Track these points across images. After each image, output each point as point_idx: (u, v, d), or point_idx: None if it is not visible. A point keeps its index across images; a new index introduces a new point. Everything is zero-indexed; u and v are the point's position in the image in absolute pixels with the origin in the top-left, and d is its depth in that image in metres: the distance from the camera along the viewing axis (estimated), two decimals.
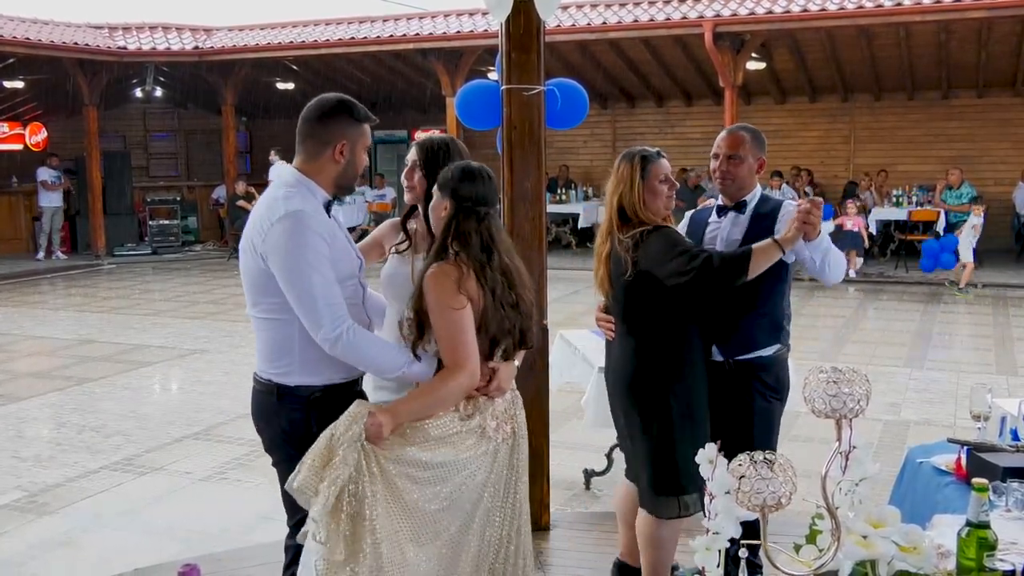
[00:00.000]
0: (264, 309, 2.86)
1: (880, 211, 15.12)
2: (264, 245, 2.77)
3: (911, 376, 8.30)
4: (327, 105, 2.91)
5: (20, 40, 15.32)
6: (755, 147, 3.70)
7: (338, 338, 2.72)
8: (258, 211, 2.86)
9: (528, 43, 4.41)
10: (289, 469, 2.70)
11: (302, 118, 2.92)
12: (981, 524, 2.08)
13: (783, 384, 3.70)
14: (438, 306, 2.74)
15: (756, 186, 3.74)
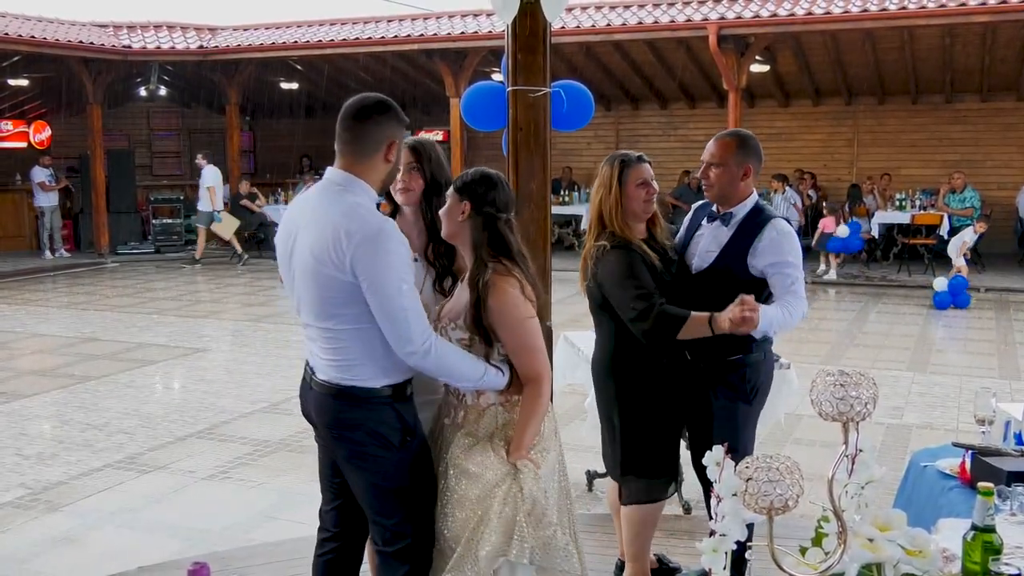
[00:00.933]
0: (347, 320, 2.74)
1: (883, 215, 15.10)
2: (353, 256, 2.65)
3: (914, 380, 8.29)
4: (377, 105, 2.83)
5: (25, 38, 15.34)
6: (740, 154, 3.56)
7: (427, 351, 2.70)
8: (329, 219, 2.70)
9: (534, 44, 4.41)
10: (376, 466, 2.81)
11: (351, 118, 2.81)
12: (987, 528, 2.09)
13: (753, 386, 3.58)
14: (513, 318, 2.78)
15: (748, 196, 3.59)
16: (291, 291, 2.89)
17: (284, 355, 9.51)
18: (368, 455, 2.82)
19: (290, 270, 2.85)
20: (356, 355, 2.78)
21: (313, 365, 2.90)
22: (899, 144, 17.05)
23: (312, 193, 2.87)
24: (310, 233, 2.74)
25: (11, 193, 18.40)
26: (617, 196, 3.60)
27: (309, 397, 2.93)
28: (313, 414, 2.93)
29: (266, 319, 11.64)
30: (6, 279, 15.14)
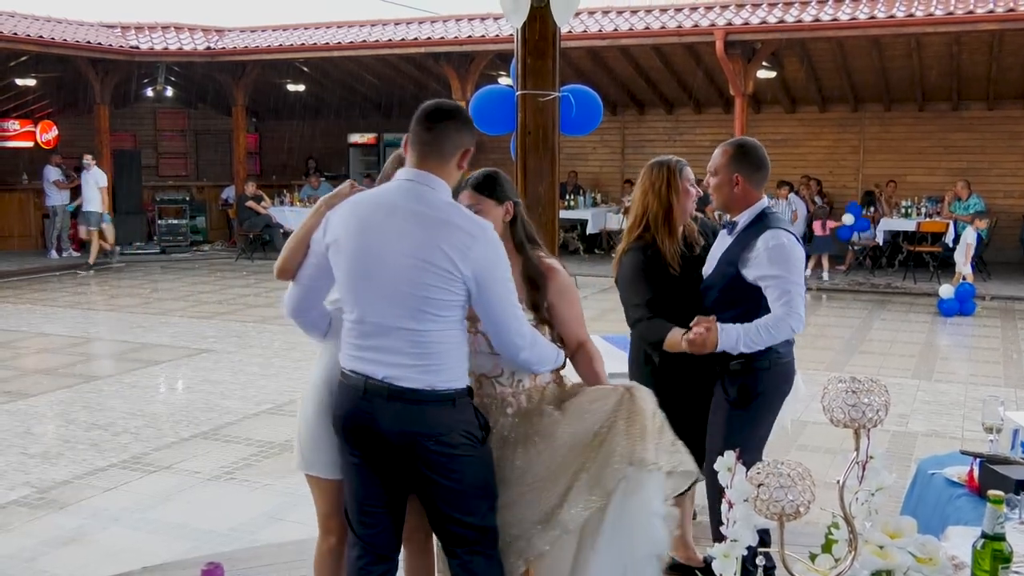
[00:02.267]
0: (444, 321, 2.71)
1: (889, 221, 15.09)
2: (473, 255, 2.66)
3: (919, 387, 8.28)
4: (458, 110, 2.84)
5: (33, 38, 15.39)
6: (733, 163, 3.56)
7: (533, 343, 2.81)
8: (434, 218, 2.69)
9: (544, 49, 4.42)
10: (466, 466, 2.75)
11: (434, 120, 2.78)
12: (996, 536, 2.08)
13: (752, 393, 3.55)
14: (573, 293, 3.09)
15: (752, 204, 3.57)
16: (351, 295, 2.77)
17: (289, 356, 9.52)
18: (459, 456, 2.74)
19: (354, 275, 2.75)
20: (446, 357, 2.73)
21: (389, 375, 2.72)
22: (905, 151, 17.03)
23: (383, 195, 2.79)
24: (405, 234, 2.68)
25: (17, 193, 18.44)
26: (665, 200, 3.71)
27: (382, 410, 2.73)
28: (392, 426, 2.73)
29: (271, 320, 11.65)
30: (12, 278, 15.18)
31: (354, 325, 2.77)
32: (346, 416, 2.80)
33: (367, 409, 2.74)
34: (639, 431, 2.80)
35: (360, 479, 2.85)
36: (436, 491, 2.78)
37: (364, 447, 2.80)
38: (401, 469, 2.79)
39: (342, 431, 2.83)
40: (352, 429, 2.80)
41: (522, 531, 2.86)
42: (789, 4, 14.24)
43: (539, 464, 2.88)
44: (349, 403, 2.79)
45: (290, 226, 17.21)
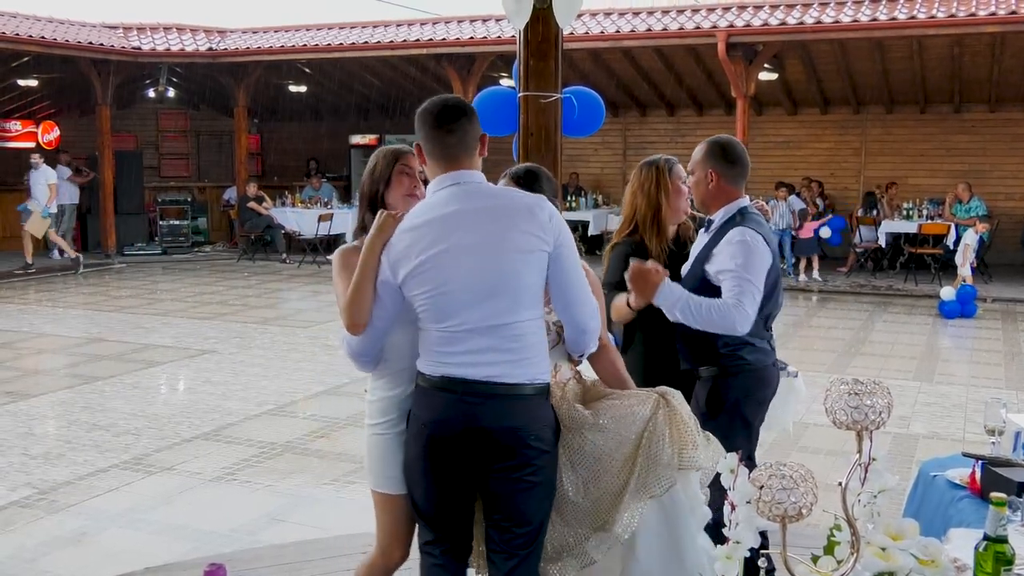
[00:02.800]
0: (535, 311, 2.76)
1: (890, 224, 15.08)
2: (556, 230, 2.74)
3: (920, 389, 8.28)
4: (466, 104, 2.88)
5: (35, 39, 15.39)
6: (706, 160, 3.54)
7: (597, 326, 2.88)
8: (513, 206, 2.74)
9: (546, 50, 4.43)
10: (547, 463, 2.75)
11: (454, 120, 2.79)
12: (999, 539, 2.08)
13: (718, 403, 3.49)
14: (599, 296, 3.06)
15: (728, 202, 3.53)
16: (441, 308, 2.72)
17: (290, 358, 9.52)
18: (545, 452, 2.76)
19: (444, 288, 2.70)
20: (539, 348, 2.77)
21: (490, 375, 2.70)
22: (907, 153, 17.03)
23: (439, 207, 2.75)
24: (483, 232, 2.70)
25: (19, 193, 18.41)
26: (655, 199, 3.70)
27: (485, 410, 2.71)
28: (497, 423, 2.71)
29: (272, 321, 11.66)
30: (13, 278, 15.18)
31: (444, 333, 2.73)
32: (440, 422, 2.74)
33: (467, 411, 2.71)
34: (681, 436, 2.82)
35: (435, 488, 2.82)
36: (516, 489, 2.74)
37: (455, 452, 2.75)
38: (487, 470, 2.75)
39: (430, 438, 2.76)
40: (447, 435, 2.74)
41: (577, 540, 2.84)
42: (791, 6, 14.25)
43: (588, 472, 2.86)
44: (444, 409, 2.73)
45: (291, 227, 17.24)
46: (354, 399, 7.72)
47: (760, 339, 3.51)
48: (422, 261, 2.70)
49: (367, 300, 2.77)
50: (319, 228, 16.72)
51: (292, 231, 17.35)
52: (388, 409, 2.96)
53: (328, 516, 5.31)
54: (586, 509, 2.84)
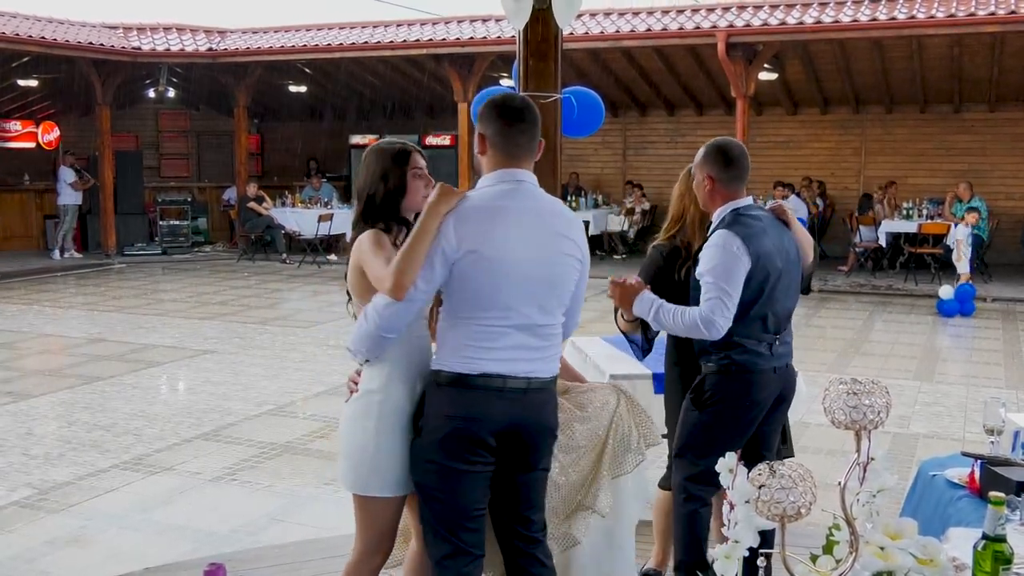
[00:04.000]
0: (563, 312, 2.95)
1: (890, 223, 15.09)
2: (582, 241, 2.94)
3: (920, 389, 8.29)
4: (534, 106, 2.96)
5: (35, 39, 15.40)
6: (701, 163, 3.58)
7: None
8: (564, 217, 2.90)
9: (545, 50, 4.42)
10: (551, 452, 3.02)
11: (528, 120, 2.85)
12: (997, 538, 2.08)
13: (700, 395, 3.54)
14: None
15: (722, 205, 3.55)
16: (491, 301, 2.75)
17: (290, 358, 9.53)
18: (555, 442, 3.01)
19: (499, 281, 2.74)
20: (558, 345, 2.95)
21: (530, 370, 2.80)
22: (907, 153, 17.04)
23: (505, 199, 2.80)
24: (540, 234, 2.81)
25: (19, 193, 18.46)
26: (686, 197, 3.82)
27: (527, 404, 2.81)
28: (536, 417, 2.84)
29: (272, 321, 11.67)
30: (13, 279, 15.19)
31: (485, 327, 2.76)
32: (482, 420, 2.77)
33: (510, 407, 2.78)
34: (641, 421, 3.29)
35: (471, 485, 2.82)
36: (539, 479, 2.93)
37: (495, 448, 2.80)
38: (520, 463, 2.87)
39: (470, 437, 2.77)
40: (490, 432, 2.77)
41: (557, 524, 3.13)
42: (791, 6, 14.25)
43: (569, 459, 3.15)
44: (486, 406, 2.77)
45: (292, 227, 17.24)
46: None
47: (754, 340, 3.48)
48: (487, 245, 2.72)
49: (419, 263, 2.70)
50: (319, 228, 16.73)
51: (292, 231, 17.36)
52: (390, 407, 2.90)
53: (328, 516, 5.31)
54: (564, 493, 3.15)
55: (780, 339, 3.54)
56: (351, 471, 2.93)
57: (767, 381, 3.52)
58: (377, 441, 2.88)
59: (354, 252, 2.92)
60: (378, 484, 2.89)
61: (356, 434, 2.92)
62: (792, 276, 3.57)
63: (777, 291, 3.50)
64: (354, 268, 2.92)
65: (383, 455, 2.88)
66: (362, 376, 2.95)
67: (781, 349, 3.55)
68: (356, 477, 2.92)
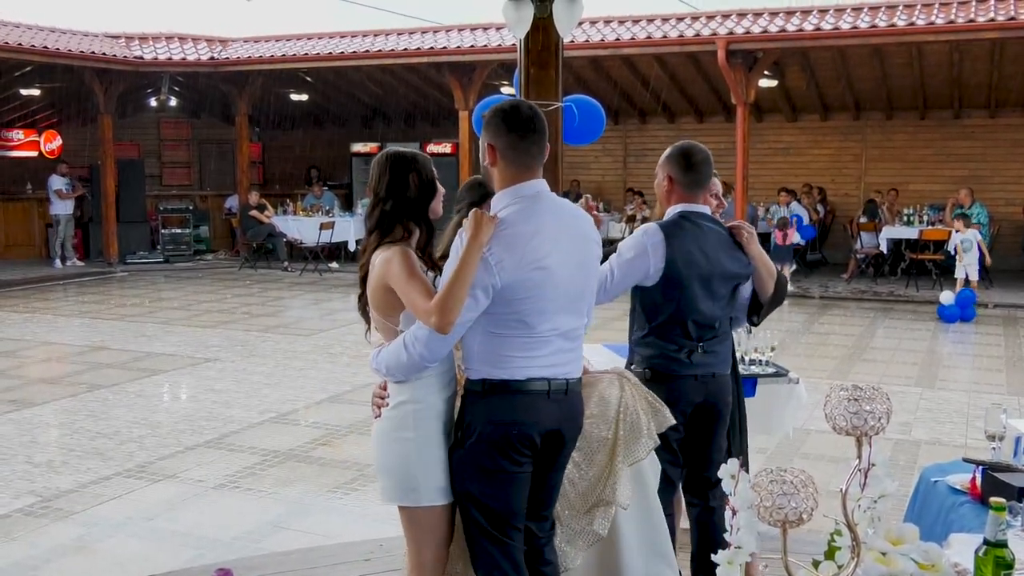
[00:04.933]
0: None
1: (891, 229, 15.10)
2: (600, 245, 3.08)
3: (922, 395, 8.29)
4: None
5: (38, 48, 15.45)
6: (665, 163, 3.64)
7: None
8: (583, 222, 3.00)
9: (546, 59, 4.45)
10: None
11: (544, 130, 2.91)
12: (999, 543, 2.09)
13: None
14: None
15: (671, 207, 3.63)
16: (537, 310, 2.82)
17: (292, 365, 9.54)
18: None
19: (545, 292, 2.82)
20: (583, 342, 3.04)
21: (567, 372, 2.92)
22: (907, 159, 17.06)
23: (536, 212, 2.87)
24: (573, 243, 2.91)
25: (21, 202, 18.50)
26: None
27: (567, 405, 2.92)
28: (575, 417, 2.98)
29: (274, 329, 11.68)
30: (16, 287, 15.22)
31: (530, 338, 2.83)
32: (532, 423, 2.85)
33: (555, 409, 2.89)
34: (649, 405, 3.22)
35: (520, 486, 2.91)
36: (560, 478, 3.06)
37: (540, 449, 2.90)
38: (554, 462, 2.99)
39: (520, 439, 2.84)
40: (539, 433, 2.87)
41: (581, 523, 3.15)
42: (790, 13, 14.30)
43: (583, 455, 3.15)
44: (535, 409, 2.85)
45: (293, 235, 17.26)
46: (356, 407, 7.74)
47: (672, 346, 3.51)
48: (530, 268, 2.78)
49: (464, 296, 2.72)
50: (321, 236, 16.75)
51: (294, 239, 17.38)
52: (427, 415, 2.91)
53: (331, 523, 5.32)
54: (582, 489, 3.14)
55: (703, 347, 3.54)
56: (396, 485, 2.91)
57: (686, 388, 3.53)
58: (420, 450, 2.88)
59: (379, 268, 2.87)
60: (428, 493, 2.89)
61: (395, 447, 2.90)
62: (717, 288, 3.55)
63: (697, 299, 3.50)
64: (380, 286, 2.88)
65: (428, 463, 2.88)
66: (390, 389, 2.94)
67: (705, 358, 3.54)
68: (404, 490, 2.90)
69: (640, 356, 3.60)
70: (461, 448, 2.87)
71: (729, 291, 3.62)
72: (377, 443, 2.95)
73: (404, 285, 2.79)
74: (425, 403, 2.90)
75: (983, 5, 13.04)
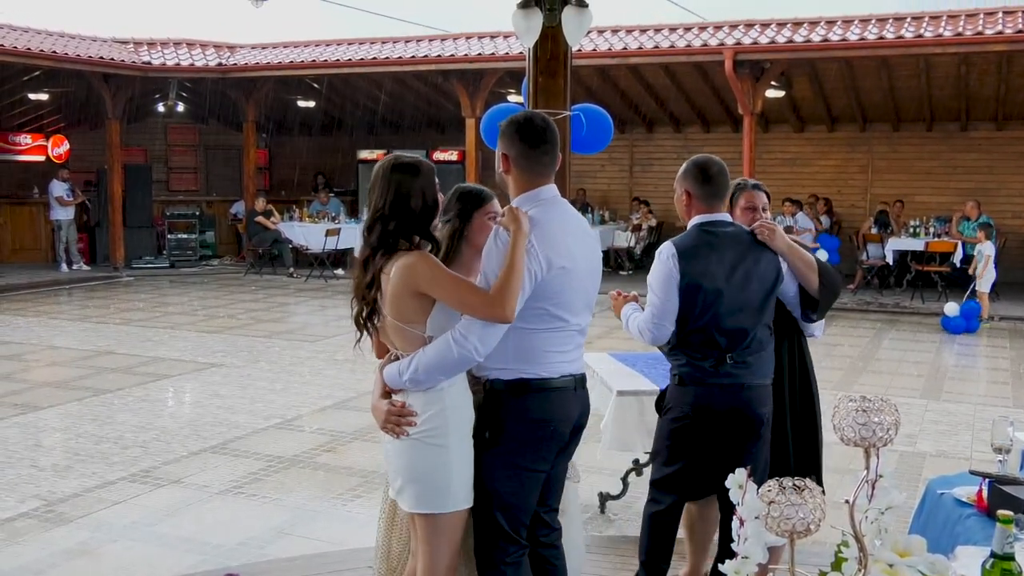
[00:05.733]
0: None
1: (897, 241, 15.08)
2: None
3: (927, 407, 8.27)
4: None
5: (47, 53, 15.51)
6: (681, 178, 3.71)
7: None
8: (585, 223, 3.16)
9: (555, 68, 4.46)
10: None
11: (556, 139, 3.06)
12: (1006, 556, 2.09)
13: (667, 405, 3.72)
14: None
15: (690, 219, 3.70)
16: (569, 306, 3.00)
17: (297, 371, 9.55)
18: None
19: (575, 288, 3.01)
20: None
21: (583, 366, 3.13)
22: (913, 171, 17.04)
23: (560, 214, 3.06)
24: (589, 245, 3.12)
25: (28, 206, 18.55)
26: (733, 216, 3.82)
27: (585, 400, 3.14)
28: (587, 411, 3.16)
29: (279, 335, 11.69)
30: (22, 291, 15.25)
31: (555, 334, 2.99)
32: (565, 419, 3.03)
33: (581, 403, 3.10)
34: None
35: (540, 483, 3.06)
36: (560, 477, 3.21)
37: (566, 443, 3.09)
38: (564, 457, 3.17)
39: (559, 435, 3.02)
40: (569, 428, 3.06)
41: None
42: (798, 24, 14.31)
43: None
44: (568, 404, 3.03)
45: (299, 241, 17.28)
46: (361, 413, 7.73)
47: (698, 354, 3.55)
48: (565, 259, 2.96)
49: (520, 286, 2.84)
50: (326, 243, 16.77)
51: (300, 246, 17.40)
52: (466, 419, 2.95)
53: (335, 529, 5.32)
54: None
55: (733, 358, 3.54)
56: (430, 492, 2.90)
57: (712, 396, 3.55)
58: (456, 456, 2.90)
59: (402, 277, 2.85)
60: (458, 498, 2.92)
61: (429, 456, 2.89)
62: (740, 297, 3.54)
63: (719, 309, 3.51)
64: (405, 294, 2.86)
65: (462, 468, 2.92)
66: (417, 402, 2.90)
67: (734, 369, 3.54)
68: (440, 497, 2.90)
69: (672, 364, 3.70)
70: (493, 448, 2.93)
71: (760, 296, 3.59)
72: (408, 452, 2.92)
73: (449, 284, 2.84)
74: (460, 408, 2.93)
75: (991, 18, 13.04)
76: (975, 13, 13.31)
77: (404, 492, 2.95)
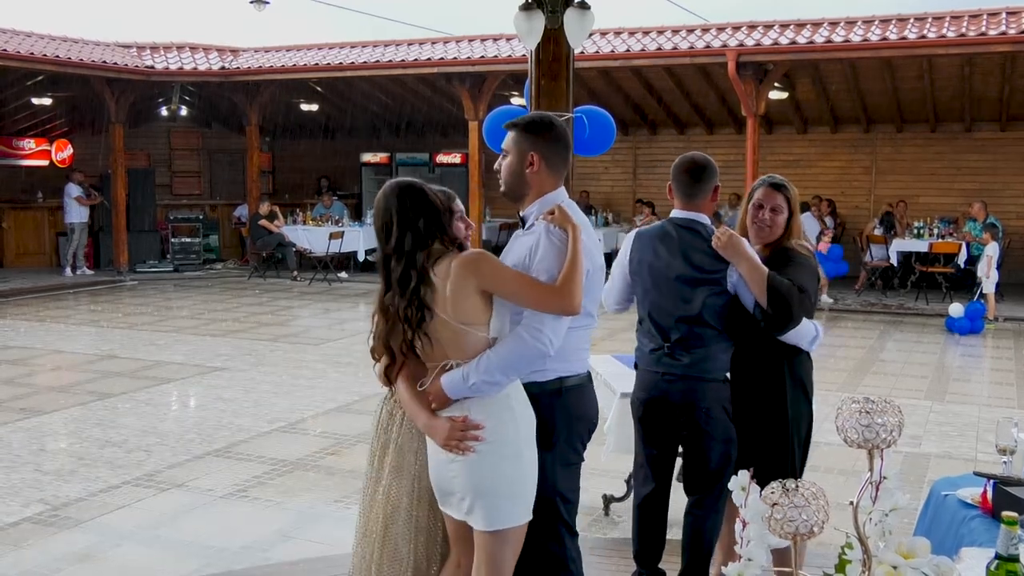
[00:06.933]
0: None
1: (901, 242, 15.05)
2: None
3: (932, 409, 8.26)
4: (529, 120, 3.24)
5: (50, 58, 15.54)
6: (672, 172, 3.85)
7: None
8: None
9: (557, 70, 4.47)
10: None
11: (570, 143, 3.32)
12: (1011, 557, 2.08)
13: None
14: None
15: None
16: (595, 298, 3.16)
17: (301, 375, 9.55)
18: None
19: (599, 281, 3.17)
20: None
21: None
22: (917, 172, 17.03)
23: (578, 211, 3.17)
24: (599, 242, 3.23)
25: (32, 211, 18.58)
26: (742, 217, 3.87)
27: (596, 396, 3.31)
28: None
29: (283, 339, 11.70)
30: (26, 296, 15.27)
31: (591, 328, 3.15)
32: (596, 412, 3.23)
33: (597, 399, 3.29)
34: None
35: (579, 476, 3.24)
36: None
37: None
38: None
39: (594, 427, 3.22)
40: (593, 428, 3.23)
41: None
42: (801, 25, 14.30)
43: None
44: (595, 399, 3.23)
45: (303, 245, 17.28)
46: (364, 416, 7.72)
47: (645, 339, 3.75)
48: (598, 256, 3.10)
49: (583, 278, 2.89)
50: (330, 246, 16.78)
51: (303, 249, 17.41)
52: (529, 427, 2.88)
53: (339, 533, 5.30)
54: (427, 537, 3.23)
55: (668, 348, 3.61)
56: (511, 506, 2.81)
57: (649, 382, 3.68)
58: (528, 463, 2.85)
59: (457, 279, 2.77)
60: (532, 504, 2.89)
61: (505, 468, 2.80)
62: (677, 292, 3.60)
63: (654, 299, 3.69)
64: (469, 292, 2.77)
65: (535, 475, 2.88)
66: (480, 412, 2.79)
67: (669, 361, 3.61)
68: (520, 508, 2.83)
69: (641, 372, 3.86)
70: (550, 451, 2.95)
71: (702, 295, 3.58)
72: (479, 467, 2.78)
73: (513, 278, 2.82)
74: (527, 414, 2.87)
75: (994, 19, 13.02)
76: (978, 14, 13.30)
77: (477, 511, 2.80)
